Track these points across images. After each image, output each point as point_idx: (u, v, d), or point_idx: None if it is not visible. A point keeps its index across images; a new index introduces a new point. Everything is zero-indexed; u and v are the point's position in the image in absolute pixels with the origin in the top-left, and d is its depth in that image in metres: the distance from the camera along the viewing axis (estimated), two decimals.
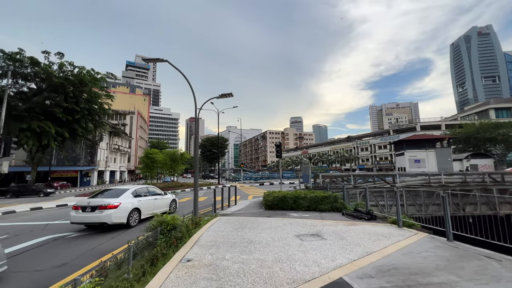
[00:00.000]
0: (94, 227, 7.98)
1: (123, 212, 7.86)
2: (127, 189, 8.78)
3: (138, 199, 8.72)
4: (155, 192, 10.10)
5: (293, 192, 10.05)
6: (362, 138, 75.80)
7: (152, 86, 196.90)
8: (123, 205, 7.93)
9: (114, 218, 7.55)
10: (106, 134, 49.06)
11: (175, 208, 11.22)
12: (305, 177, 11.61)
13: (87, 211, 7.57)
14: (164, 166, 27.08)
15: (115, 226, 7.78)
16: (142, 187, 9.74)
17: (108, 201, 7.70)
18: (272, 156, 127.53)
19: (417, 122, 59.86)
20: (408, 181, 12.62)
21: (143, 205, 8.83)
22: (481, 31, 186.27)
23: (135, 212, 8.44)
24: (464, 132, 41.74)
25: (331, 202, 9.24)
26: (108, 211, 7.50)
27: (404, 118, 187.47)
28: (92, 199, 8.04)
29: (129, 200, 8.32)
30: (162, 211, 9.72)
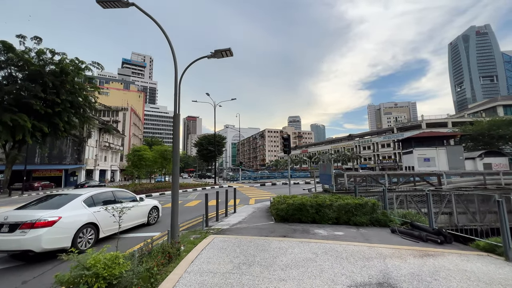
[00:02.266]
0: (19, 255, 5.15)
1: (64, 232, 5.19)
2: (77, 195, 6.10)
3: (95, 209, 6.07)
4: (125, 198, 7.45)
5: (311, 198, 7.42)
6: (364, 137, 73.47)
7: (149, 84, 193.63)
8: (65, 220, 5.26)
9: (46, 242, 4.86)
10: (95, 130, 46.05)
11: (156, 218, 8.64)
12: (324, 177, 9.11)
13: (2, 231, 4.85)
14: (154, 165, 24.33)
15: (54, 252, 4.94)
16: (104, 191, 7.00)
17: (38, 215, 5.00)
18: (271, 155, 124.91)
19: (422, 120, 57.61)
20: (457, 182, 10.07)
21: (104, 217, 6.10)
22: (479, 30, 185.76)
23: (89, 230, 5.77)
24: (475, 129, 39.52)
25: (368, 212, 6.62)
26: (36, 231, 4.80)
27: (403, 117, 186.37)
28: (13, 212, 5.31)
29: (77, 211, 5.66)
30: (136, 223, 7.55)
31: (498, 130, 37.13)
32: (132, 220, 7.23)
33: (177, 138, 5.56)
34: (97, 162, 46.97)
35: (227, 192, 9.03)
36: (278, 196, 8.16)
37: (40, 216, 4.97)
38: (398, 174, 10.60)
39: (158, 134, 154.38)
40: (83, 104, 29.83)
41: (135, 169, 21.81)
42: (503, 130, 36.73)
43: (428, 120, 57.42)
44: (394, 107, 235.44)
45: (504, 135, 36.93)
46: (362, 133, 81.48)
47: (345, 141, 79.56)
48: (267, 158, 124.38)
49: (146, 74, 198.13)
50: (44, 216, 5.01)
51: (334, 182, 8.64)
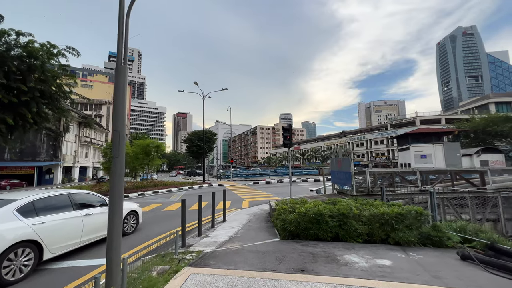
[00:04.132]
0: None
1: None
2: (8, 202, 4.29)
3: (35, 221, 4.31)
4: (89, 202, 5.56)
5: (328, 204, 5.43)
6: (357, 134, 72.68)
7: (137, 78, 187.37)
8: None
9: None
10: (74, 124, 42.57)
11: (134, 225, 6.78)
12: (339, 175, 7.13)
13: None
14: (136, 161, 21.81)
15: None
16: (53, 194, 4.98)
17: None
18: (263, 152, 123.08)
19: (416, 116, 57.07)
20: (505, 181, 8.31)
21: (52, 231, 4.47)
22: (466, 31, 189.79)
23: (25, 250, 4.04)
24: (472, 125, 38.96)
25: (413, 224, 4.67)
26: None
27: (393, 114, 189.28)
28: None
29: (3, 225, 3.90)
30: (104, 234, 5.49)
31: (495, 127, 36.65)
32: (98, 231, 5.44)
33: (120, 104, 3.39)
34: (77, 159, 43.58)
35: (214, 195, 6.89)
36: (283, 201, 6.11)
37: None
38: (431, 171, 8.83)
39: (147, 130, 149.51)
40: (56, 93, 26.75)
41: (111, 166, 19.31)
42: (500, 126, 36.24)
43: (422, 117, 56.97)
44: (384, 105, 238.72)
45: (501, 132, 36.49)
46: (355, 130, 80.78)
47: (338, 138, 78.60)
48: (259, 155, 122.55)
49: (134, 69, 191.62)
50: None
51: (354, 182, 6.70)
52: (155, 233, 6.53)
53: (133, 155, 21.52)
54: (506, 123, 37.33)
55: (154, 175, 50.34)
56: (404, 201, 6.90)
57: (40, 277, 4.05)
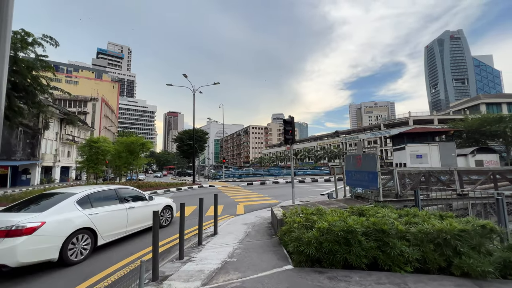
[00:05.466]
0: None
1: (48, 240, 4.01)
2: (70, 194, 4.81)
3: (91, 212, 4.84)
4: (132, 196, 6.11)
5: (357, 217, 4.02)
6: (351, 133, 72.36)
7: (127, 76, 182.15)
8: (50, 225, 4.06)
9: (23, 255, 3.71)
10: (55, 121, 39.83)
11: (170, 219, 7.30)
12: (361, 176, 5.65)
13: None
14: (118, 160, 19.87)
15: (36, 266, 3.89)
16: (103, 189, 5.56)
17: (15, 221, 3.79)
18: (255, 152, 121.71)
19: (409, 116, 57.06)
20: None
21: (104, 220, 5.00)
22: (453, 35, 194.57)
23: (83, 237, 4.57)
24: (466, 125, 38.86)
25: (483, 245, 3.32)
26: (12, 240, 3.66)
27: (384, 115, 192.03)
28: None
29: (67, 214, 4.43)
30: (146, 225, 6.24)
31: (488, 127, 36.64)
32: (140, 223, 6.03)
33: None
34: (58, 158, 40.81)
35: (201, 201, 5.35)
36: (293, 211, 4.64)
37: (18, 222, 3.85)
38: (472, 170, 7.65)
39: (136, 129, 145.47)
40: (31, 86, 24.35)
41: (90, 166, 17.23)
42: (493, 126, 36.25)
43: (415, 117, 57.02)
44: (374, 106, 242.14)
45: (494, 132, 36.50)
46: (349, 130, 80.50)
47: (331, 138, 78.11)
48: (251, 155, 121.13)
49: (123, 66, 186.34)
50: (22, 221, 3.88)
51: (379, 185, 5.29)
52: (115, 259, 4.70)
53: (115, 154, 19.60)
54: (499, 123, 37.43)
55: (141, 176, 48.04)
56: (438, 207, 5.62)
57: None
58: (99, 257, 4.75)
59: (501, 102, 54.67)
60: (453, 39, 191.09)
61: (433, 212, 4.19)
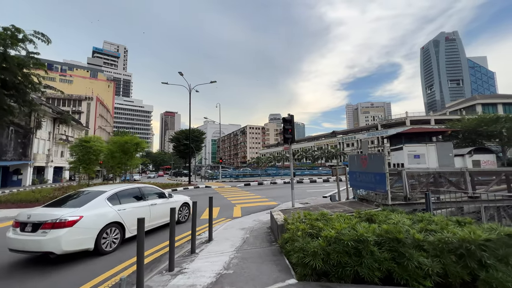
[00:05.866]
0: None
1: (86, 232, 4.61)
2: (101, 192, 5.37)
3: (119, 207, 5.34)
4: (153, 195, 6.67)
5: (367, 224, 3.63)
6: (348, 134, 72.32)
7: (123, 75, 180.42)
8: (87, 219, 4.66)
9: (66, 244, 4.30)
10: (48, 120, 38.96)
11: (187, 216, 7.87)
12: (367, 178, 5.20)
13: (26, 230, 4.36)
14: (112, 160, 19.26)
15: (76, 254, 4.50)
16: (129, 187, 6.14)
17: (59, 214, 4.41)
18: (252, 152, 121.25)
19: (407, 117, 57.13)
20: None
21: (130, 216, 5.40)
22: (448, 36, 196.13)
23: (114, 229, 5.11)
24: (463, 125, 38.94)
25: (510, 256, 2.95)
26: (56, 231, 4.24)
27: (380, 116, 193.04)
28: (37, 211, 4.74)
29: (100, 210, 5.00)
30: (166, 221, 6.57)
31: (485, 127, 36.75)
32: (161, 218, 6.57)
33: None
34: (51, 158, 39.91)
35: (195, 205, 4.92)
36: (295, 217, 4.23)
37: (61, 216, 4.46)
38: (484, 172, 7.30)
39: (132, 129, 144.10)
40: (21, 84, 23.53)
41: (82, 166, 16.61)
42: (490, 127, 36.38)
43: (412, 117, 57.12)
44: (371, 106, 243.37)
45: (491, 132, 36.62)
46: (346, 130, 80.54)
47: (329, 138, 78.01)
48: (249, 155, 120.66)
49: (120, 65, 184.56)
50: (64, 215, 4.50)
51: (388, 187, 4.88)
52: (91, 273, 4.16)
53: (108, 153, 19.00)
54: (496, 124, 37.57)
55: (136, 176, 47.33)
56: (449, 211, 5.27)
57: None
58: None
59: (497, 102, 55.03)
60: (448, 41, 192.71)
61: (449, 218, 3.81)
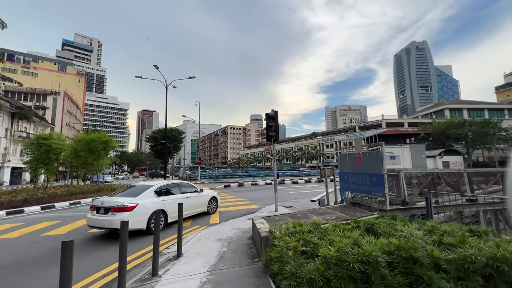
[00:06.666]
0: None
1: (140, 216, 6.22)
2: (149, 186, 7.06)
3: (163, 198, 7.00)
4: (188, 189, 8.22)
5: (367, 236, 2.96)
6: (328, 135, 73.78)
7: (96, 71, 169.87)
8: (141, 206, 6.28)
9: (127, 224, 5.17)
10: (4, 115, 34.96)
11: (215, 208, 9.12)
12: (361, 179, 4.53)
13: (100, 212, 6.15)
14: (76, 160, 17.30)
15: (133, 232, 6.06)
16: (170, 183, 7.78)
17: (122, 202, 6.14)
18: (233, 153, 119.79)
19: (383, 119, 59.46)
20: None
21: (171, 205, 7.03)
22: (419, 46, 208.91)
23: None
24: (435, 128, 41.19)
25: None
26: (121, 214, 5.89)
27: (357, 118, 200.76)
28: (107, 199, 6.58)
29: (150, 200, 6.65)
30: (197, 211, 8.35)
31: (454, 130, 39.18)
32: (194, 209, 8.05)
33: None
34: (7, 158, 35.83)
35: (158, 215, 3.99)
36: (284, 228, 3.48)
37: (124, 202, 6.08)
38: (483, 172, 7.04)
39: (106, 127, 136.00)
40: None
41: (39, 166, 14.55)
42: (458, 130, 38.86)
43: (388, 119, 59.53)
44: (348, 109, 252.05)
45: (458, 135, 39.11)
46: (326, 131, 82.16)
47: (309, 139, 79.08)
48: (229, 156, 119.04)
49: (93, 60, 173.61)
50: (126, 202, 6.08)
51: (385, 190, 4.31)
52: None
53: (72, 152, 17.03)
54: (462, 128, 40.23)
55: (108, 177, 44.19)
56: (447, 215, 4.85)
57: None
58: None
59: (462, 108, 59.09)
60: (418, 49, 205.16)
61: (460, 227, 3.27)
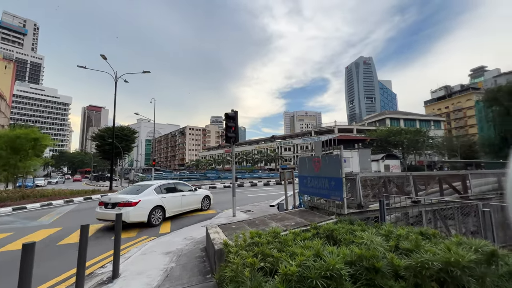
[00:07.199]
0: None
1: (142, 210, 7.37)
2: (150, 185, 8.28)
3: (162, 196, 8.20)
4: (184, 188, 9.45)
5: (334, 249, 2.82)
6: (286, 138, 76.44)
7: (31, 57, 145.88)
8: (143, 202, 7.44)
9: (132, 217, 7.09)
10: None
11: (208, 205, 10.44)
12: (320, 183, 4.32)
13: (108, 207, 7.27)
14: None
15: (136, 224, 7.29)
16: (168, 182, 9.08)
17: (127, 198, 7.29)
18: (192, 155, 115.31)
19: (335, 125, 64.21)
20: (480, 185, 7.54)
21: (168, 202, 8.30)
22: (366, 61, 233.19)
23: (158, 210, 7.86)
24: (378, 135, 46.10)
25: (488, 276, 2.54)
26: (126, 208, 7.01)
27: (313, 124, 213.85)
28: (114, 196, 7.71)
29: (150, 197, 7.78)
30: (192, 208, 9.43)
31: (393, 137, 44.56)
32: (189, 205, 9.21)
33: None
34: None
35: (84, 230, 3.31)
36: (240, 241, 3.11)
37: (128, 199, 7.23)
38: (425, 175, 7.60)
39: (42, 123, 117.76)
40: None
41: None
42: (397, 137, 44.34)
43: (340, 126, 64.53)
44: (305, 115, 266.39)
45: (397, 141, 44.63)
46: (284, 135, 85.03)
47: (268, 142, 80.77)
48: (187, 158, 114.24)
49: (27, 45, 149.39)
50: (130, 199, 7.24)
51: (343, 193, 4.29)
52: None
53: None
54: (400, 135, 46.04)
55: (40, 181, 37.98)
56: (395, 216, 5.12)
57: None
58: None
59: (400, 117, 67.66)
60: (365, 64, 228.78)
61: (410, 229, 3.36)
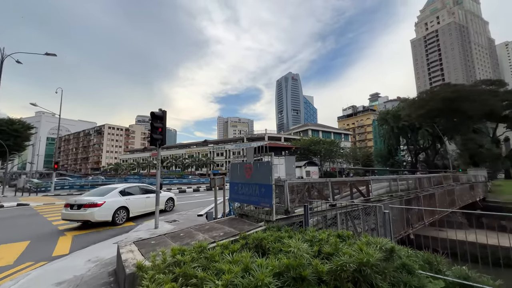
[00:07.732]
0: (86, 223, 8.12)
1: (107, 211, 8.09)
2: (115, 188, 9.17)
3: (126, 198, 9.00)
4: (148, 190, 10.34)
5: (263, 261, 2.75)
6: (219, 143, 75.81)
7: None
8: (108, 204, 8.16)
9: (97, 216, 7.77)
10: None
11: (172, 207, 11.64)
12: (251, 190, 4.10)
13: (74, 208, 7.78)
14: None
15: (101, 223, 8.02)
16: (132, 185, 10.05)
17: (92, 200, 7.90)
18: (111, 157, 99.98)
19: (265, 133, 67.91)
20: (377, 189, 8.83)
21: (132, 203, 9.17)
22: (294, 76, 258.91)
23: (122, 211, 8.71)
24: (302, 144, 51.56)
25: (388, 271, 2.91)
26: (92, 209, 7.68)
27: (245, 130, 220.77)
28: (79, 198, 8.30)
29: (115, 198, 8.58)
30: (152, 209, 9.32)
31: (313, 146, 50.83)
32: (152, 206, 9.16)
33: None
34: None
35: None
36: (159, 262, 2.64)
37: (94, 200, 7.95)
38: (340, 181, 8.30)
39: None
40: None
41: None
42: (316, 146, 50.76)
43: (270, 134, 68.63)
44: (238, 121, 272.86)
45: (316, 150, 51.09)
46: (217, 140, 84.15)
47: (200, 146, 78.28)
48: (104, 161, 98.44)
49: None
50: (95, 200, 7.97)
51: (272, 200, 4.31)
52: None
53: None
54: (319, 145, 52.77)
55: None
56: (317, 220, 5.56)
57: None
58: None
59: (319, 129, 77.71)
60: (293, 80, 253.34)
61: (330, 233, 3.64)
